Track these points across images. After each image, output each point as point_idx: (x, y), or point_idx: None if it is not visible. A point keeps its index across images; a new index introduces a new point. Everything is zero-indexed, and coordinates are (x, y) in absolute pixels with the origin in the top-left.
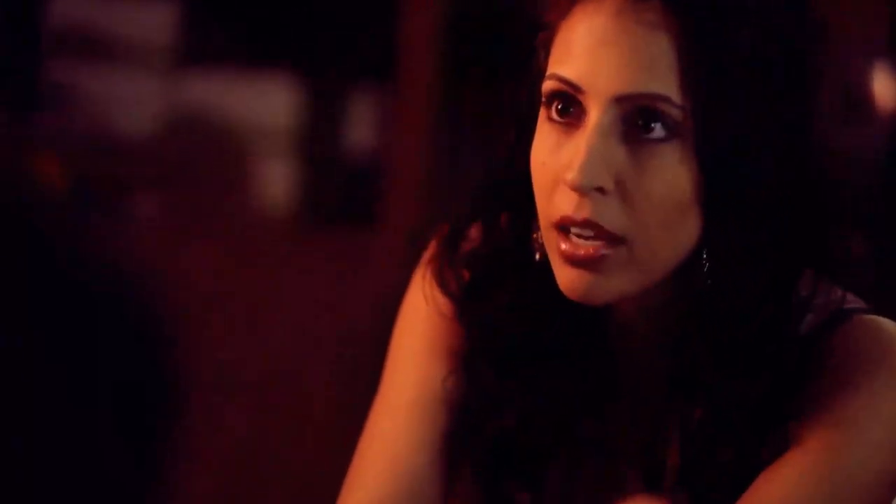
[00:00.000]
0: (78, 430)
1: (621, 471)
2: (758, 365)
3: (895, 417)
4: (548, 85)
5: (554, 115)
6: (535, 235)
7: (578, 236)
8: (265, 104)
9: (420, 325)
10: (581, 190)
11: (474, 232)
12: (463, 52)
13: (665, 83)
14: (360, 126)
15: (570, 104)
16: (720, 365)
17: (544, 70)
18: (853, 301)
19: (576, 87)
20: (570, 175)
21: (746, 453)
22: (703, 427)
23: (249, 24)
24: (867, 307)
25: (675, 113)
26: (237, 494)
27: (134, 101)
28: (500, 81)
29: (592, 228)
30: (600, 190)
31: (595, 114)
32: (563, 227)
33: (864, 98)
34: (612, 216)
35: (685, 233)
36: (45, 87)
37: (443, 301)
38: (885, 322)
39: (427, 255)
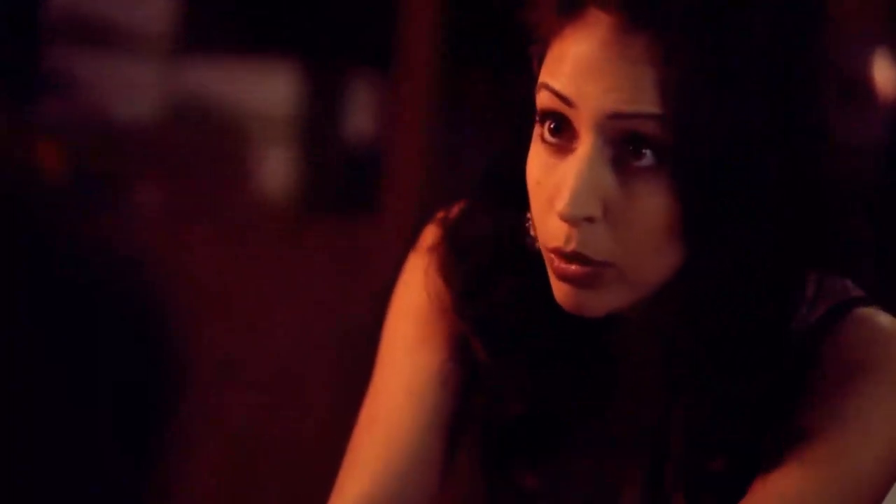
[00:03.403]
0: (75, 419)
1: (623, 465)
2: (756, 363)
3: (894, 414)
4: (541, 98)
5: (547, 135)
6: (526, 225)
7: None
8: (265, 92)
9: (414, 310)
10: (570, 221)
11: (473, 223)
12: (463, 41)
13: (655, 104)
14: (360, 114)
15: (562, 124)
16: (717, 363)
17: (538, 76)
18: (852, 290)
19: (567, 101)
20: (560, 206)
21: (746, 450)
22: (703, 424)
23: (249, 11)
24: (866, 297)
25: (666, 137)
26: (233, 479)
27: (133, 89)
28: (499, 74)
29: (581, 259)
30: (589, 219)
31: (585, 138)
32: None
33: (864, 88)
34: (600, 245)
35: (676, 252)
36: (45, 75)
37: (442, 291)
38: (884, 317)
39: (422, 241)
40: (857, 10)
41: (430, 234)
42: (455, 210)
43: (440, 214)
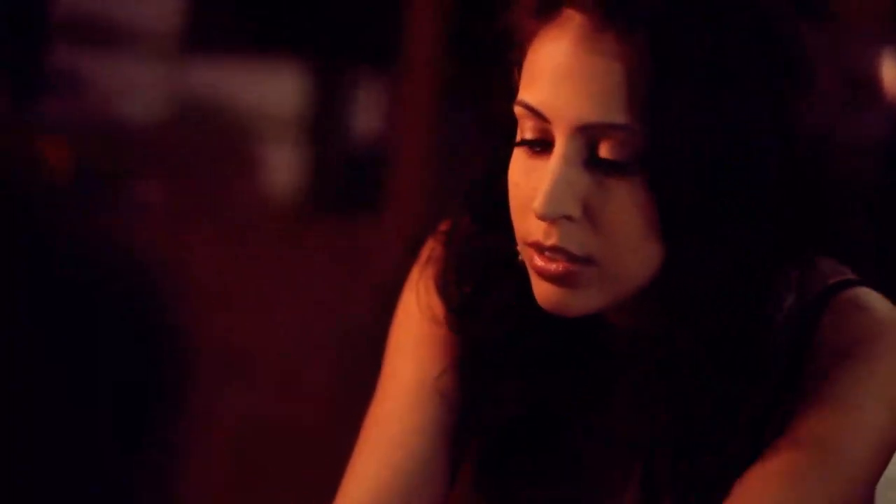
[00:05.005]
0: (75, 419)
1: (620, 466)
2: (744, 360)
3: (886, 396)
4: (517, 111)
5: (526, 137)
6: (516, 248)
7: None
8: (268, 92)
9: (415, 323)
10: (546, 219)
11: (463, 242)
12: (467, 41)
13: (625, 112)
14: (363, 114)
15: (540, 129)
16: (706, 361)
17: (518, 86)
18: (841, 272)
19: (540, 115)
20: (536, 204)
21: (739, 448)
22: (697, 421)
23: (253, 11)
24: (855, 278)
25: (637, 141)
26: (233, 478)
27: (137, 88)
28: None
29: (561, 253)
30: (567, 217)
31: (560, 142)
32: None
33: (865, 88)
34: (580, 242)
35: (654, 252)
36: (51, 73)
37: (437, 307)
38: (871, 297)
39: (423, 256)
40: (859, 9)
41: (429, 247)
42: (452, 224)
43: (442, 227)
